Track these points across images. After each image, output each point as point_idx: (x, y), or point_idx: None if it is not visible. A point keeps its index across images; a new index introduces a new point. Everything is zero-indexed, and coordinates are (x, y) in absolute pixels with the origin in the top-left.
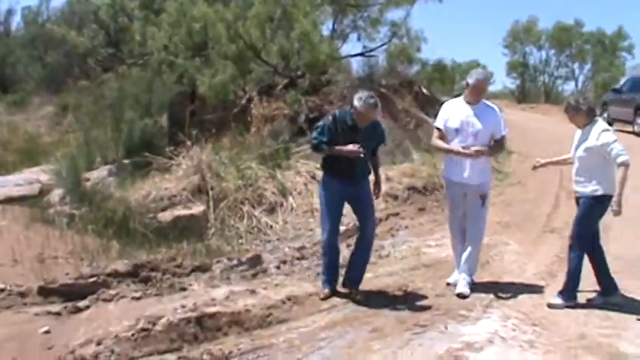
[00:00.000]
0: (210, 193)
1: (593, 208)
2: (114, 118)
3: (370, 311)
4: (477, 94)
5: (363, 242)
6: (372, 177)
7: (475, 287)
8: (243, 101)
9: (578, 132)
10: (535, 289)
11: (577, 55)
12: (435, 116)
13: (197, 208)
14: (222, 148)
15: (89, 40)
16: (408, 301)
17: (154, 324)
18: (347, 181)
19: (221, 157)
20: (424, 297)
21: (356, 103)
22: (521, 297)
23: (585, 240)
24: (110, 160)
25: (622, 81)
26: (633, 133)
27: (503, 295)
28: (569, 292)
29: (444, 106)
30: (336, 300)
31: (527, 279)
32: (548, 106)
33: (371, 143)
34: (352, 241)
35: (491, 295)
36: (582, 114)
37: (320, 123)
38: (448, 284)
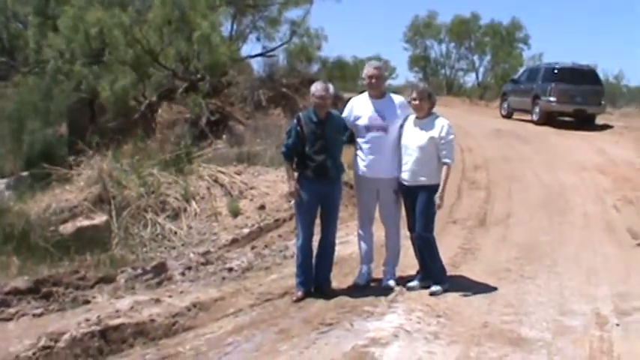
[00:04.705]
0: (113, 202)
1: (433, 197)
2: (11, 129)
3: (276, 313)
4: (376, 85)
5: (327, 245)
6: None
7: (378, 282)
8: (144, 107)
9: (410, 121)
10: None
11: (476, 48)
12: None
13: (99, 218)
14: (124, 155)
15: None
16: (313, 300)
17: (57, 341)
18: (322, 180)
19: (122, 165)
20: (329, 295)
21: (312, 89)
22: (425, 290)
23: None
24: (7, 173)
25: (520, 71)
26: (532, 121)
27: (408, 289)
28: (444, 277)
29: (349, 102)
30: (242, 303)
31: None
32: (450, 98)
33: (339, 135)
34: (257, 243)
35: (396, 289)
36: (431, 103)
37: (288, 128)
38: (357, 285)
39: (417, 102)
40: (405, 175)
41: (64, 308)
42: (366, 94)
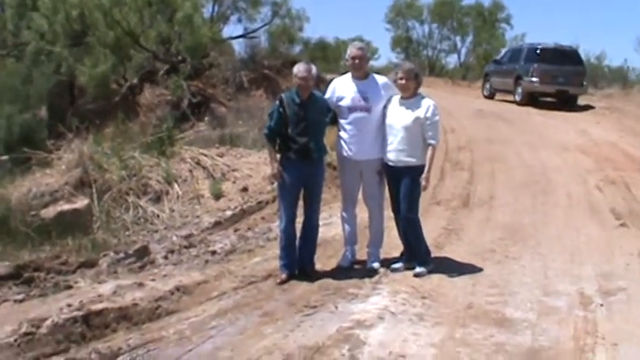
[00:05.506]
0: (94, 185)
1: (418, 178)
2: None
3: (260, 295)
4: (359, 66)
5: (310, 227)
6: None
7: (362, 264)
8: (124, 89)
9: (395, 101)
10: None
11: (458, 29)
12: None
13: (81, 202)
14: (105, 138)
15: None
16: (297, 283)
17: (38, 327)
18: (305, 162)
19: (103, 148)
20: (313, 278)
21: (295, 70)
22: (409, 271)
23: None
24: None
25: (502, 52)
26: (515, 102)
27: (392, 271)
28: (428, 259)
29: (332, 83)
30: (225, 286)
31: None
32: (433, 78)
33: (322, 116)
34: (240, 225)
35: (381, 271)
36: (417, 83)
37: (270, 109)
38: (341, 267)
39: (403, 81)
40: (389, 156)
41: (45, 294)
42: (348, 75)
